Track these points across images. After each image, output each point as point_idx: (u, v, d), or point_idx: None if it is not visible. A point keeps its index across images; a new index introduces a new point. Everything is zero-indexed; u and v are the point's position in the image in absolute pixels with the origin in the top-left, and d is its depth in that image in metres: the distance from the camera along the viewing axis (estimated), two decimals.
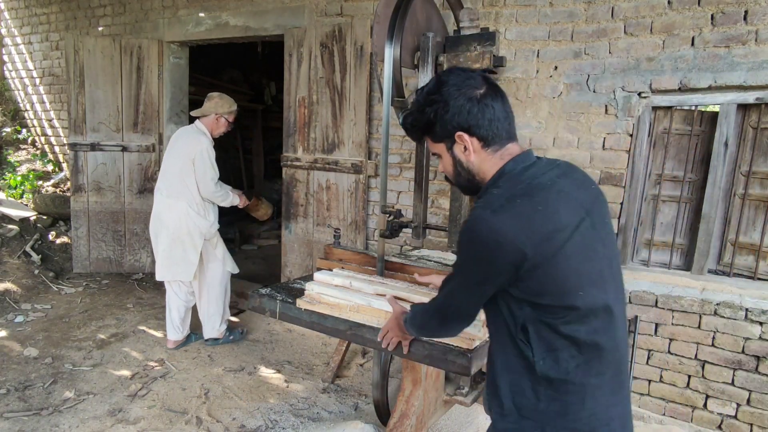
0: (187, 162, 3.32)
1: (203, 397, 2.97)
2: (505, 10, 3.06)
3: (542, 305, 1.09)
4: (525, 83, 3.03)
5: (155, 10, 4.71)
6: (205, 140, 3.37)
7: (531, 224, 1.06)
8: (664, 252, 2.95)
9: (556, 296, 1.07)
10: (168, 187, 3.38)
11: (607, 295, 1.13)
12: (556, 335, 1.09)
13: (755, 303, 2.55)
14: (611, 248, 1.18)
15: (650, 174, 2.91)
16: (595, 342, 1.10)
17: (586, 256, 1.11)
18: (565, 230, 1.08)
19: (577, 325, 1.09)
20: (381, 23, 2.32)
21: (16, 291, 4.23)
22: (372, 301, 2.03)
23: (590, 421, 1.12)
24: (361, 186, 3.69)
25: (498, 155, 1.21)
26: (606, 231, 1.18)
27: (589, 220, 1.12)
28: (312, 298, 2.18)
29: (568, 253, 1.07)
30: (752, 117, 2.63)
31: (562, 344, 1.10)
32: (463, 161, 1.23)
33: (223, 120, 3.49)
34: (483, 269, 1.11)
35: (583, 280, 1.09)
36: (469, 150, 1.21)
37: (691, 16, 2.57)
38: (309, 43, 3.80)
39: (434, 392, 2.40)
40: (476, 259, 1.11)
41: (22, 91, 6.23)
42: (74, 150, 4.77)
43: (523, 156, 1.22)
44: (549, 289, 1.07)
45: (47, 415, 2.71)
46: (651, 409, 2.86)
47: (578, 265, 1.09)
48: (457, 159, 1.24)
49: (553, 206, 1.09)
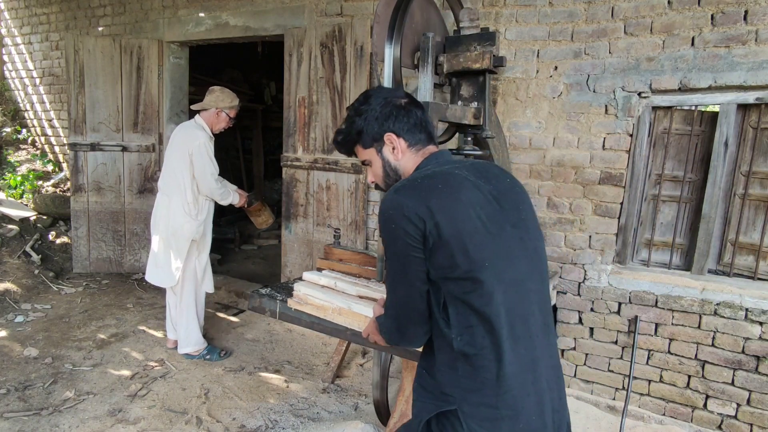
0: (183, 158, 3.24)
1: (203, 397, 2.97)
2: (505, 10, 3.06)
3: (452, 279, 1.16)
4: (525, 83, 3.03)
5: (155, 10, 4.71)
6: (203, 135, 3.27)
7: (430, 197, 1.17)
8: (664, 252, 2.95)
9: (463, 268, 1.14)
10: (165, 184, 3.34)
11: (516, 271, 1.21)
12: (471, 312, 1.16)
13: (755, 303, 2.55)
14: (524, 231, 1.27)
15: (650, 174, 2.91)
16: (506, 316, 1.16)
17: (492, 232, 1.19)
18: (467, 208, 1.18)
19: (486, 300, 1.15)
20: (381, 23, 2.32)
21: (16, 291, 4.23)
22: (352, 305, 2.02)
23: (506, 397, 1.16)
24: (361, 186, 3.69)
25: (420, 154, 1.38)
26: (520, 217, 1.27)
27: (496, 204, 1.23)
28: (300, 298, 2.18)
29: (470, 228, 1.16)
30: (752, 117, 2.63)
31: (475, 320, 1.16)
32: (391, 161, 1.39)
33: (223, 115, 3.37)
34: (400, 247, 1.19)
35: (489, 254, 1.17)
36: (398, 149, 1.37)
37: (691, 16, 2.58)
38: (309, 43, 3.80)
39: None
40: (392, 238, 1.20)
41: (22, 91, 6.23)
42: (74, 150, 4.77)
43: (437, 154, 1.38)
44: (456, 261, 1.14)
45: (47, 415, 2.71)
46: (651, 409, 2.86)
47: (483, 240, 1.17)
48: (386, 160, 1.39)
49: (454, 186, 1.21)
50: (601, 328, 2.96)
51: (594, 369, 3.01)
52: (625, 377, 2.90)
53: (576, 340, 3.04)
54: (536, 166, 3.06)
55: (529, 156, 3.08)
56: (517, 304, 1.19)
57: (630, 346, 2.86)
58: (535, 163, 3.06)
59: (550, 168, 3.02)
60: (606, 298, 2.91)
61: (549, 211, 3.05)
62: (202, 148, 3.24)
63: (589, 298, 2.96)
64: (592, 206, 2.93)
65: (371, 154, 1.41)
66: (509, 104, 3.10)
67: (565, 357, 3.08)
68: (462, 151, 2.53)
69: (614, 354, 2.93)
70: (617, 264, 2.95)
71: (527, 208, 1.32)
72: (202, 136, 3.27)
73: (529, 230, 1.28)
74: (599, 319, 2.95)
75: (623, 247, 2.92)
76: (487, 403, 1.16)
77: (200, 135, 3.27)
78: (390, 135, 1.36)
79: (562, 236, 3.03)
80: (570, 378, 3.08)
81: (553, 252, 3.06)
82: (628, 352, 2.88)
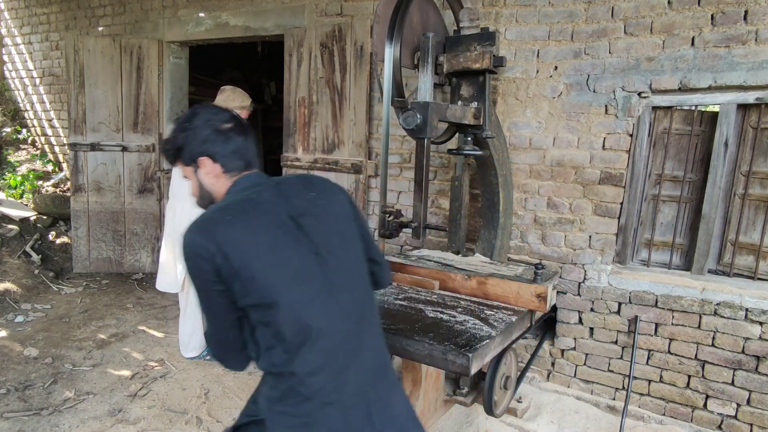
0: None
1: (203, 397, 2.97)
2: (505, 10, 3.06)
3: (251, 306, 1.20)
4: (525, 83, 3.03)
5: (155, 10, 4.71)
6: None
7: (217, 231, 1.19)
8: (664, 252, 2.95)
9: (257, 295, 1.18)
10: (172, 188, 3.34)
11: (313, 288, 1.24)
12: (271, 333, 1.20)
13: (755, 303, 2.55)
14: (327, 244, 1.29)
15: (650, 174, 2.91)
16: (303, 333, 1.20)
17: (282, 255, 1.22)
18: (255, 236, 1.21)
19: (282, 320, 1.19)
20: (381, 23, 2.32)
21: (16, 291, 4.23)
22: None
23: (305, 407, 1.21)
24: (361, 186, 3.69)
25: (232, 180, 1.37)
26: (322, 230, 1.30)
27: (292, 223, 1.26)
28: None
29: (258, 254, 1.19)
30: (752, 117, 2.63)
31: (275, 341, 1.21)
32: (206, 184, 1.39)
33: None
34: (200, 284, 1.22)
35: (280, 277, 1.20)
36: (211, 174, 1.36)
37: (691, 16, 2.57)
38: (309, 43, 3.80)
39: (434, 392, 2.40)
40: (192, 275, 1.22)
41: (22, 91, 6.23)
42: (74, 150, 4.77)
43: (241, 179, 1.36)
44: (250, 288, 1.18)
45: (47, 415, 2.71)
46: (651, 409, 2.86)
47: (273, 264, 1.20)
48: (201, 181, 1.39)
49: (244, 214, 1.23)
50: (601, 328, 2.95)
51: (594, 369, 3.01)
52: (625, 377, 2.90)
53: (576, 340, 3.04)
54: (536, 166, 3.06)
55: (529, 156, 3.08)
56: (320, 318, 1.22)
57: (630, 346, 2.86)
58: (535, 163, 3.06)
59: (550, 168, 3.02)
60: (606, 298, 2.91)
61: (549, 211, 3.05)
62: None
63: (589, 298, 2.96)
64: (592, 206, 2.93)
65: (189, 172, 1.42)
66: (509, 104, 3.10)
67: (565, 357, 3.08)
68: (462, 151, 2.54)
69: (614, 354, 2.93)
70: (617, 264, 2.95)
71: (337, 220, 1.36)
72: None
73: (332, 244, 1.31)
74: (599, 319, 2.95)
75: (623, 247, 2.92)
76: (289, 412, 1.22)
77: None
78: (204, 159, 1.35)
79: (562, 236, 3.02)
80: (570, 378, 3.08)
81: (553, 252, 3.06)
82: (628, 352, 2.88)
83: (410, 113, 2.07)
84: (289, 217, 1.27)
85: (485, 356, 1.88)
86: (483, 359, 1.85)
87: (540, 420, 2.83)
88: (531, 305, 2.26)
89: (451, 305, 2.26)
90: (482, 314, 2.16)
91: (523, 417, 2.85)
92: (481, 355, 1.81)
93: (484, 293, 2.36)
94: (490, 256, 2.83)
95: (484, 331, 1.95)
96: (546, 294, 2.22)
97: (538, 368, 3.19)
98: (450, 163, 3.37)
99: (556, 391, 3.08)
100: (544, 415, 2.87)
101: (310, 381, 1.21)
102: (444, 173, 3.43)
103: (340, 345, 1.25)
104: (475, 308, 2.23)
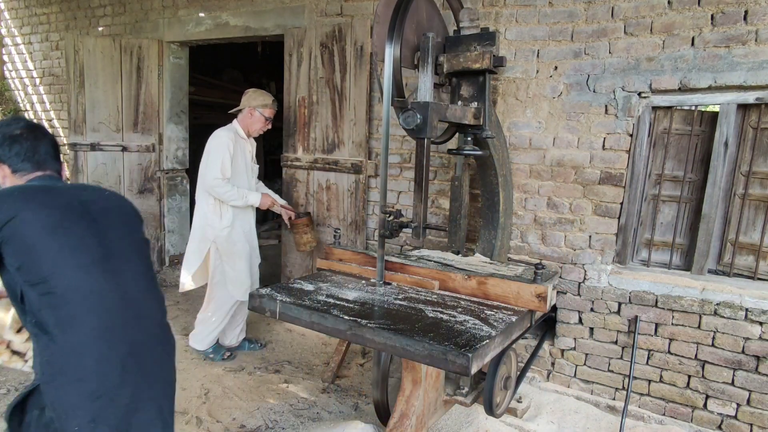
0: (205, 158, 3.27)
1: (203, 397, 2.97)
2: (505, 10, 3.06)
3: (21, 271, 1.39)
4: (525, 83, 3.03)
5: (155, 10, 4.71)
6: (225, 134, 3.23)
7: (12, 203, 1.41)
8: (664, 252, 2.95)
9: (29, 268, 1.39)
10: (197, 187, 3.36)
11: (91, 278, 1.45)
12: (39, 300, 1.39)
13: (755, 303, 2.55)
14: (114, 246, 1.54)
15: (650, 174, 2.91)
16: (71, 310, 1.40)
17: (66, 243, 1.43)
18: (36, 219, 1.40)
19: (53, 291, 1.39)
20: (381, 23, 2.32)
21: None
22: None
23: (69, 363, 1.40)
24: (361, 186, 3.69)
25: (24, 179, 1.59)
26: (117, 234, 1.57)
27: (84, 222, 1.50)
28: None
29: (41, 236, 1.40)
30: (752, 117, 2.63)
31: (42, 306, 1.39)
32: (1, 184, 1.62)
33: (257, 114, 3.31)
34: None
35: (60, 261, 1.41)
36: (4, 175, 1.60)
37: (691, 16, 2.57)
38: (309, 43, 3.80)
39: (434, 392, 2.40)
40: None
41: (22, 91, 6.23)
42: (74, 150, 4.77)
43: (36, 179, 1.59)
44: (22, 261, 1.39)
45: None
46: (651, 409, 2.86)
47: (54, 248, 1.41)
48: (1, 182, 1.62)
49: (27, 199, 1.44)
50: (601, 328, 2.95)
51: (594, 369, 3.01)
52: (625, 377, 2.90)
53: (576, 340, 3.04)
54: (536, 166, 3.06)
55: (529, 156, 3.08)
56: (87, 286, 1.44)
57: (630, 346, 2.86)
58: (535, 163, 3.06)
59: (550, 168, 3.02)
60: (606, 298, 2.91)
61: (549, 211, 3.05)
62: (215, 146, 3.21)
63: (589, 298, 2.96)
64: (592, 206, 2.93)
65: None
66: (509, 104, 3.10)
67: (565, 357, 3.08)
68: (462, 151, 2.54)
69: (614, 354, 2.93)
70: (617, 264, 2.95)
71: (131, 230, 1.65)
72: (223, 135, 3.24)
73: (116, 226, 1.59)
74: (599, 319, 2.95)
75: (623, 247, 2.92)
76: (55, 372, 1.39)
77: (222, 134, 3.25)
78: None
79: (562, 236, 3.02)
80: (570, 378, 3.08)
81: (553, 252, 3.06)
82: (628, 352, 2.88)
83: (410, 113, 2.07)
84: (78, 213, 1.50)
85: (485, 356, 1.88)
86: (483, 359, 1.85)
87: (540, 420, 2.83)
88: (531, 305, 2.26)
89: (451, 305, 2.26)
90: (482, 314, 2.16)
91: (523, 417, 2.85)
92: (481, 355, 1.81)
93: (484, 293, 2.36)
94: (490, 256, 2.83)
95: (484, 331, 1.95)
96: (546, 294, 2.21)
97: (538, 368, 3.19)
98: (450, 163, 3.38)
99: (556, 391, 3.08)
100: (544, 415, 2.87)
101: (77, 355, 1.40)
102: (444, 173, 3.43)
103: (111, 309, 1.46)
104: (475, 308, 2.23)
